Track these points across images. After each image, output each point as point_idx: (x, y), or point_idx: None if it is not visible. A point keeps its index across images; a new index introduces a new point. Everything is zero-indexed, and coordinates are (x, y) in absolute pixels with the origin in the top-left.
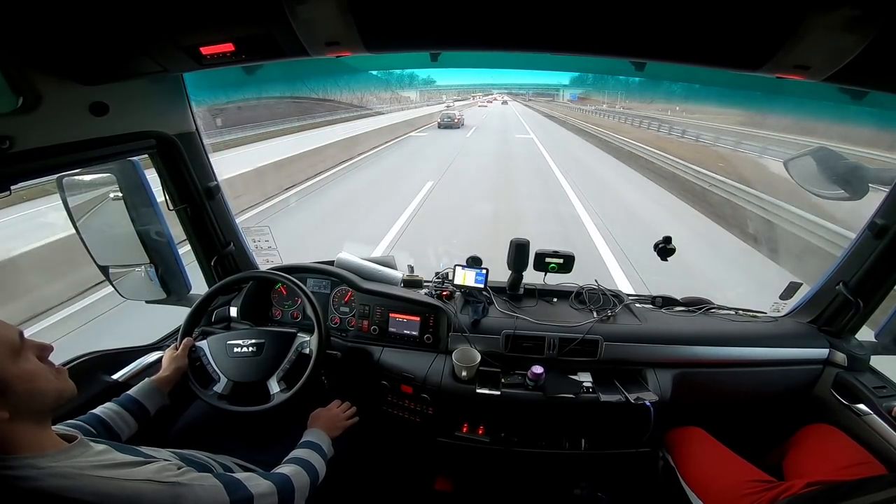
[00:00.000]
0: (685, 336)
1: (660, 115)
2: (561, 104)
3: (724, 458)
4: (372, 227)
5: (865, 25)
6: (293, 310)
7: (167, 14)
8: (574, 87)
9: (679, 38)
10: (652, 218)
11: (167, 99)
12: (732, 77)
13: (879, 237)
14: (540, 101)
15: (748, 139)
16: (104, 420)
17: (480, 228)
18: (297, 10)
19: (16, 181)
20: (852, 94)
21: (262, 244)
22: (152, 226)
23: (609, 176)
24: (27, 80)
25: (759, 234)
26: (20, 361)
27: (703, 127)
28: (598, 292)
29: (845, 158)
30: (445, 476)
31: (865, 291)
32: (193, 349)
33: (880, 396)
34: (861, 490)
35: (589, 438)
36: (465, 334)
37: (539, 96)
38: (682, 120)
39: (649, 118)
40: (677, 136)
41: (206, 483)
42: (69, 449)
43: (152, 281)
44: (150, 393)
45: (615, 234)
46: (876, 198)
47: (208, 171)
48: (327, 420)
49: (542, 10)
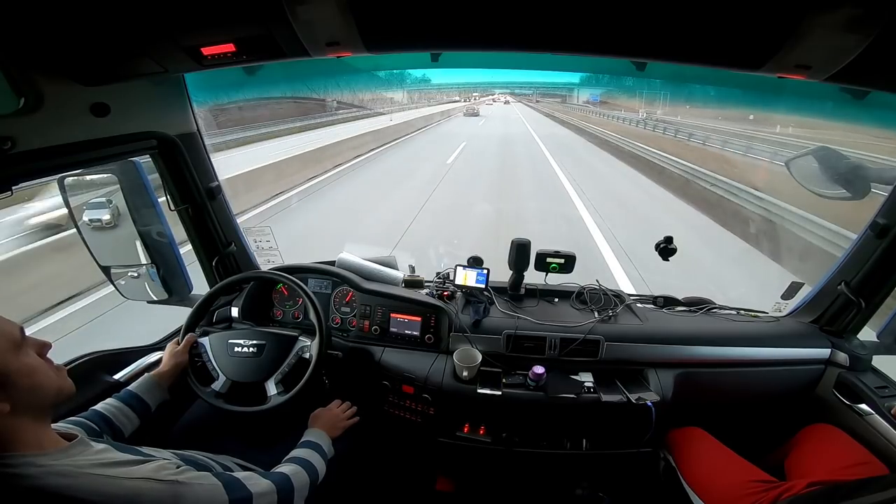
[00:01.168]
0: (686, 336)
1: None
2: (576, 107)
3: (725, 458)
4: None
5: (866, 25)
6: (294, 310)
7: (168, 15)
8: (590, 87)
9: (680, 37)
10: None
11: (168, 99)
12: (738, 77)
13: (881, 237)
14: (549, 103)
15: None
16: (106, 416)
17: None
18: (297, 11)
19: (17, 182)
20: (853, 93)
21: (263, 244)
22: (154, 226)
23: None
24: (29, 81)
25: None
26: (21, 356)
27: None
28: (600, 292)
29: (847, 158)
30: (446, 476)
31: (867, 291)
32: (195, 345)
33: (882, 396)
34: (863, 490)
35: (590, 438)
36: (467, 334)
37: (546, 97)
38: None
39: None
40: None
41: (206, 482)
42: (69, 447)
43: (154, 281)
44: (150, 388)
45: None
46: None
47: (209, 172)
48: (328, 420)
49: (542, 10)
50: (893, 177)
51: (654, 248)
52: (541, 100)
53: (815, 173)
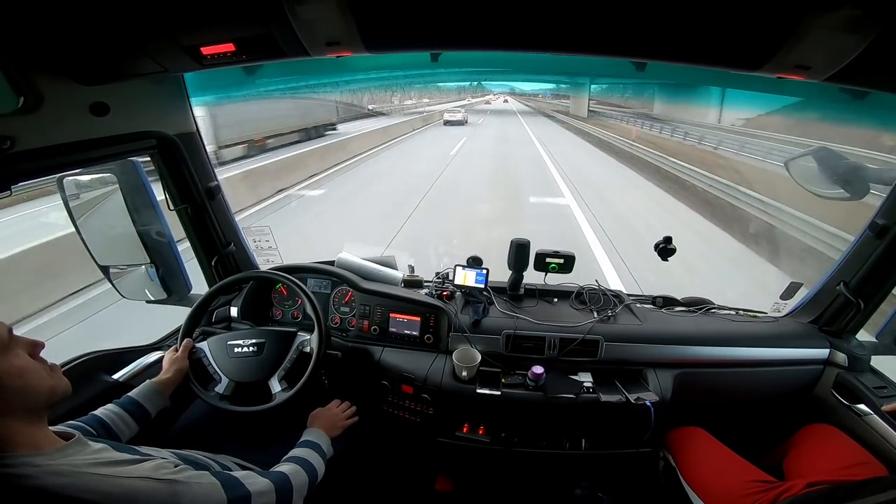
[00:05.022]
0: (686, 336)
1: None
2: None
3: (724, 458)
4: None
5: (866, 25)
6: (294, 310)
7: (167, 14)
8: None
9: (680, 38)
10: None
11: (168, 99)
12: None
13: (880, 237)
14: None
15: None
16: (104, 421)
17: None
18: (297, 11)
19: (16, 181)
20: (853, 93)
21: (262, 244)
22: (153, 226)
23: None
24: (28, 80)
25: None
26: (9, 357)
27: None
28: (599, 292)
29: (846, 158)
30: (446, 476)
31: (866, 291)
32: (194, 350)
33: (881, 397)
34: (862, 491)
35: (589, 438)
36: (466, 334)
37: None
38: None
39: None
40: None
41: (204, 481)
42: (66, 447)
43: (153, 281)
44: (150, 395)
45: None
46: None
47: (209, 171)
48: (327, 420)
49: (542, 10)
50: (892, 177)
51: (654, 249)
52: (551, 101)
53: (814, 174)
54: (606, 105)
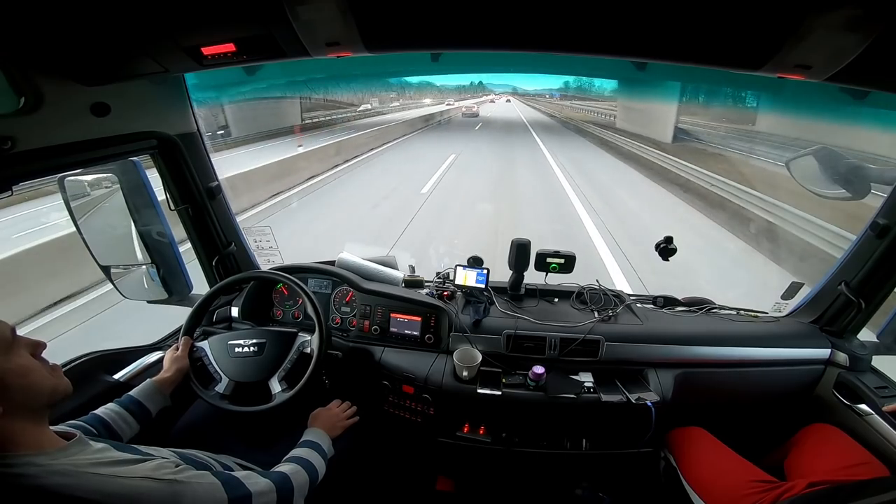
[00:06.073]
0: (686, 336)
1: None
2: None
3: (725, 458)
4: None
5: (867, 25)
6: (294, 310)
7: (168, 14)
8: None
9: (680, 37)
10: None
11: (168, 99)
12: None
13: (882, 237)
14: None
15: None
16: (105, 421)
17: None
18: (297, 11)
19: (17, 181)
20: (853, 93)
21: (263, 244)
22: (153, 226)
23: None
24: (29, 80)
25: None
26: (13, 356)
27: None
28: (600, 292)
29: (847, 158)
30: (447, 476)
31: (867, 291)
32: (195, 349)
33: (882, 397)
34: (863, 492)
35: (590, 438)
36: (467, 334)
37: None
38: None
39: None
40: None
41: (205, 481)
42: (67, 447)
43: (154, 281)
44: (151, 394)
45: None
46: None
47: (209, 172)
48: (327, 420)
49: (543, 10)
50: (893, 177)
51: (654, 248)
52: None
53: (815, 173)
54: (689, 117)
